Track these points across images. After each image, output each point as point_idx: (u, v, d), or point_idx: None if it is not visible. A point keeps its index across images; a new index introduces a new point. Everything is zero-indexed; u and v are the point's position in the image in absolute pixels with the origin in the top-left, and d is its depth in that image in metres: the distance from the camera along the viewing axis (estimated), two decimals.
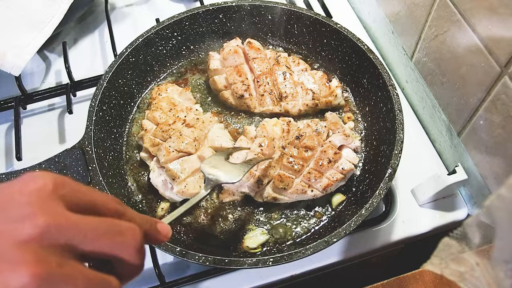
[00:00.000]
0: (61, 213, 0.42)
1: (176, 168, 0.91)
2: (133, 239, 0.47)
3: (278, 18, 1.14)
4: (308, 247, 0.79)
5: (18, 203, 0.41)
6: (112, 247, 0.45)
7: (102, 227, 0.45)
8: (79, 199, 0.46)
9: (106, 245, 0.44)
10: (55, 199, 0.43)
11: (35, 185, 0.43)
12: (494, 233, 0.54)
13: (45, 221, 0.40)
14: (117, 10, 1.38)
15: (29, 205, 0.41)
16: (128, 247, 0.46)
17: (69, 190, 0.45)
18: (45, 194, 0.43)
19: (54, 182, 0.44)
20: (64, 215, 0.42)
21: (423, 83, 1.07)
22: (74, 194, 0.45)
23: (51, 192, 0.43)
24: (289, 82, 1.05)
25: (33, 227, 0.40)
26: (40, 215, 0.41)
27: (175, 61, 1.17)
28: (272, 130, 0.95)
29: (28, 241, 0.39)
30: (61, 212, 0.42)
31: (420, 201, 0.99)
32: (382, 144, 0.96)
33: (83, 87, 1.17)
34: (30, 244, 0.39)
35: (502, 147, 0.83)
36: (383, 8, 1.19)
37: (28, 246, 0.39)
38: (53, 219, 0.41)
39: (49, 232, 0.40)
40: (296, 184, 0.91)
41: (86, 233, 0.43)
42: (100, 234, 0.44)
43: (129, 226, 0.47)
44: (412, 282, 0.85)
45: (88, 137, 0.93)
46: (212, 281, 0.91)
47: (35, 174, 0.44)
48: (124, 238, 0.46)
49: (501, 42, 0.76)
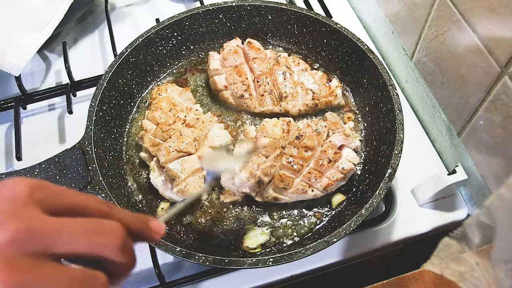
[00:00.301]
0: (35, 217, 0.42)
1: (176, 168, 0.91)
2: (115, 237, 0.46)
3: (278, 18, 1.14)
4: (308, 247, 0.79)
5: None
6: (92, 247, 0.44)
7: (80, 227, 0.44)
8: (60, 202, 0.45)
9: (84, 246, 0.44)
10: (31, 204, 0.43)
11: (9, 193, 0.43)
12: (494, 233, 0.54)
13: (16, 227, 0.40)
14: (117, 10, 1.38)
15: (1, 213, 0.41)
16: (110, 246, 0.45)
17: (48, 194, 0.44)
18: (19, 201, 0.42)
19: (29, 187, 0.43)
20: (37, 219, 0.42)
21: (423, 83, 1.07)
22: (53, 198, 0.45)
23: (26, 197, 0.43)
24: (289, 82, 1.05)
25: (3, 234, 0.40)
26: (11, 221, 0.40)
27: (175, 61, 1.17)
28: (272, 131, 0.95)
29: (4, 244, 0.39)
30: (34, 216, 0.42)
31: (420, 201, 0.99)
32: (382, 144, 0.96)
33: (83, 87, 1.17)
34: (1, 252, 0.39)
35: (502, 147, 0.83)
36: (383, 8, 1.19)
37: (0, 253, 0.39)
38: (25, 224, 0.41)
39: (19, 237, 0.40)
40: (297, 184, 0.91)
41: (61, 235, 0.42)
42: (77, 235, 0.43)
43: (110, 225, 0.47)
44: (412, 282, 0.85)
45: (88, 137, 0.93)
46: (212, 281, 0.91)
47: (10, 181, 0.44)
48: (104, 238, 0.45)
49: (501, 42, 0.76)
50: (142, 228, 0.52)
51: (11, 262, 0.39)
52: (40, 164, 0.89)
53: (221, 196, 0.94)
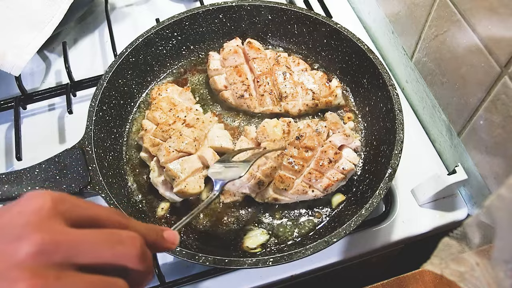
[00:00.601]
0: (58, 230, 0.43)
1: (176, 168, 0.91)
2: (134, 247, 0.47)
3: (278, 18, 1.14)
4: (308, 247, 0.79)
5: (17, 224, 0.43)
6: (113, 257, 0.46)
7: (101, 238, 0.46)
8: (80, 214, 0.47)
9: (106, 256, 0.45)
10: (54, 216, 0.44)
11: (34, 206, 0.44)
12: (494, 233, 0.54)
13: (41, 238, 0.42)
14: (117, 10, 1.38)
15: (27, 226, 0.43)
16: (129, 255, 0.47)
17: (70, 206, 0.46)
18: (43, 213, 0.44)
19: (52, 200, 0.45)
20: (60, 231, 0.44)
21: (423, 83, 1.07)
22: (74, 210, 0.46)
23: (50, 210, 0.44)
24: (289, 82, 1.05)
25: (29, 245, 0.41)
26: (36, 233, 0.42)
27: (175, 61, 1.17)
28: (272, 131, 0.95)
29: (25, 259, 0.41)
30: (58, 228, 0.44)
31: (420, 201, 0.99)
32: (382, 144, 0.96)
33: (83, 87, 1.17)
34: (27, 262, 0.41)
35: (502, 147, 0.83)
36: (383, 8, 1.19)
37: (26, 264, 0.41)
38: (49, 236, 0.42)
39: (45, 249, 0.42)
40: (297, 185, 0.91)
41: (83, 246, 0.44)
42: (98, 245, 0.45)
43: (129, 235, 0.48)
44: (412, 282, 0.85)
45: (88, 137, 0.93)
46: (212, 281, 0.91)
47: (34, 194, 0.45)
48: (124, 247, 0.47)
49: (501, 42, 0.76)
50: (157, 239, 0.54)
51: (36, 272, 0.40)
52: (40, 164, 0.89)
53: (221, 197, 0.94)
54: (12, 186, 0.86)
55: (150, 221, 0.92)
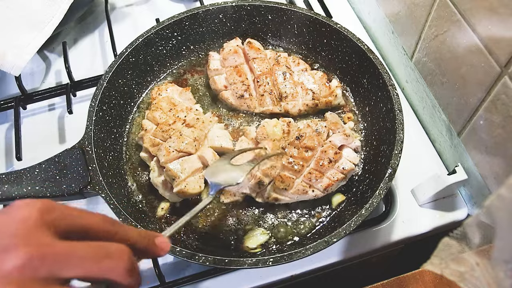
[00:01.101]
0: (45, 243, 0.43)
1: (176, 168, 0.91)
2: (121, 260, 0.47)
3: (278, 18, 1.14)
4: (308, 247, 0.79)
5: (3, 234, 0.42)
6: (99, 271, 0.45)
7: (87, 252, 0.45)
8: (68, 223, 0.46)
9: (92, 270, 0.45)
10: (41, 227, 0.44)
11: (20, 216, 0.44)
12: (494, 233, 0.54)
13: (27, 252, 0.41)
14: (117, 10, 1.38)
15: (13, 237, 0.42)
16: (116, 270, 0.46)
17: (57, 216, 0.46)
18: (30, 224, 0.43)
19: (39, 210, 0.44)
20: (47, 243, 0.43)
21: (423, 83, 1.07)
22: (62, 220, 0.46)
23: (36, 220, 0.44)
24: (289, 82, 1.05)
25: (15, 258, 0.41)
26: (23, 246, 0.41)
27: (175, 61, 1.17)
28: (272, 131, 0.95)
29: (12, 272, 0.40)
30: (45, 241, 0.43)
31: (420, 201, 0.99)
32: (382, 144, 0.96)
33: (83, 87, 1.17)
34: (13, 275, 0.40)
35: (502, 147, 0.83)
36: (383, 8, 1.19)
37: (12, 277, 0.40)
38: (36, 250, 0.42)
39: (31, 263, 0.41)
40: (297, 185, 0.91)
41: (69, 260, 0.43)
42: (85, 260, 0.45)
43: (117, 248, 0.48)
44: (412, 282, 0.85)
45: (88, 137, 0.93)
46: (212, 281, 0.91)
47: (21, 204, 0.45)
48: (111, 261, 0.46)
49: (501, 42, 0.76)
50: (148, 245, 0.53)
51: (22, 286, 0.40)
52: (40, 164, 0.89)
53: (222, 197, 0.94)
54: (12, 186, 0.86)
55: (150, 221, 0.92)
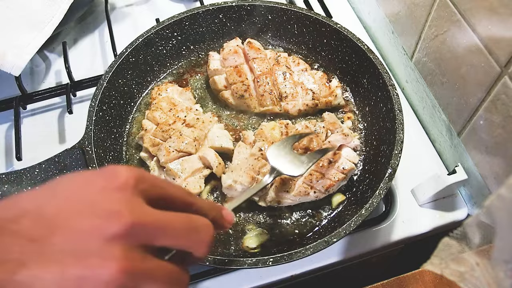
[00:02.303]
0: (144, 211, 0.45)
1: (177, 168, 0.91)
2: (207, 236, 0.50)
3: (278, 18, 1.14)
4: (308, 247, 0.79)
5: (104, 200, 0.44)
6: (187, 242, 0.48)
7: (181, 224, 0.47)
8: (157, 193, 0.48)
9: (182, 241, 0.48)
10: (137, 194, 0.46)
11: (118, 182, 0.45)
12: (494, 233, 0.54)
13: (131, 219, 0.43)
14: (117, 10, 1.38)
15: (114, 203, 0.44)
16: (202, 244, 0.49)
17: (150, 184, 0.48)
18: (128, 190, 0.45)
19: (135, 177, 0.46)
20: (146, 213, 0.45)
21: (423, 83, 1.07)
22: (152, 189, 0.48)
23: (133, 187, 0.45)
24: (289, 82, 1.05)
25: (119, 225, 0.42)
26: (125, 213, 0.43)
27: (175, 61, 1.17)
28: (270, 134, 0.95)
29: (115, 238, 0.42)
30: (144, 210, 0.45)
31: (420, 201, 0.99)
32: (382, 144, 0.96)
33: (83, 87, 1.17)
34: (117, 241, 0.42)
35: (502, 147, 0.83)
36: (383, 8, 1.19)
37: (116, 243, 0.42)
38: (137, 218, 0.43)
39: (133, 230, 0.43)
40: (298, 186, 0.91)
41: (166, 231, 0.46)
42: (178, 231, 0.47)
43: (204, 223, 0.50)
44: (412, 282, 0.85)
45: (88, 137, 0.93)
46: (212, 281, 0.91)
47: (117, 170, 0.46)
48: (199, 236, 0.49)
49: (501, 42, 0.76)
50: (217, 217, 0.56)
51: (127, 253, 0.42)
52: (40, 164, 0.89)
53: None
54: (12, 186, 0.86)
55: None
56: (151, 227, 0.44)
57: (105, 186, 0.45)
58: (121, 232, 0.42)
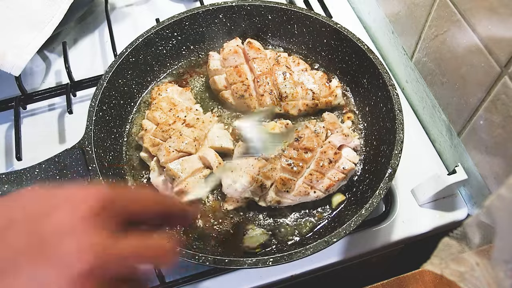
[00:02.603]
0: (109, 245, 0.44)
1: (177, 168, 0.91)
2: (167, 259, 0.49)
3: (278, 18, 1.14)
4: (308, 247, 0.79)
5: (68, 231, 0.42)
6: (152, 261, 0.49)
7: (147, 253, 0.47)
8: (127, 212, 0.48)
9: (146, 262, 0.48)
10: (104, 220, 0.44)
11: (83, 210, 0.44)
12: (494, 233, 0.54)
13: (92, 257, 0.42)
14: (117, 10, 1.38)
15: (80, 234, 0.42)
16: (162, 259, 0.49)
17: (117, 208, 0.47)
18: (92, 218, 0.44)
19: (102, 203, 0.45)
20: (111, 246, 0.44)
21: (423, 83, 1.07)
22: (122, 211, 0.47)
23: (99, 212, 0.44)
24: (289, 82, 1.04)
25: (81, 263, 0.41)
26: (88, 249, 0.42)
27: (175, 61, 1.17)
28: None
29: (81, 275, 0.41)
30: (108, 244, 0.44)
31: (420, 201, 0.99)
32: (382, 144, 0.96)
33: (83, 87, 1.17)
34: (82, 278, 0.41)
35: (502, 147, 0.83)
36: (383, 8, 1.19)
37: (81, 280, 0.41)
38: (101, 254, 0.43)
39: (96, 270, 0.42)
40: (299, 186, 0.91)
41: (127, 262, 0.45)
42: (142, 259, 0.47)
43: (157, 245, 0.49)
44: (412, 282, 0.85)
45: (88, 137, 0.93)
46: (212, 281, 0.91)
47: (82, 195, 0.45)
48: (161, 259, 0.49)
49: (501, 42, 0.76)
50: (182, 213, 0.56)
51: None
52: (40, 164, 0.89)
53: (225, 204, 0.94)
54: (12, 186, 0.86)
55: None
56: (115, 262, 0.44)
57: (70, 216, 0.43)
58: (83, 273, 0.41)
